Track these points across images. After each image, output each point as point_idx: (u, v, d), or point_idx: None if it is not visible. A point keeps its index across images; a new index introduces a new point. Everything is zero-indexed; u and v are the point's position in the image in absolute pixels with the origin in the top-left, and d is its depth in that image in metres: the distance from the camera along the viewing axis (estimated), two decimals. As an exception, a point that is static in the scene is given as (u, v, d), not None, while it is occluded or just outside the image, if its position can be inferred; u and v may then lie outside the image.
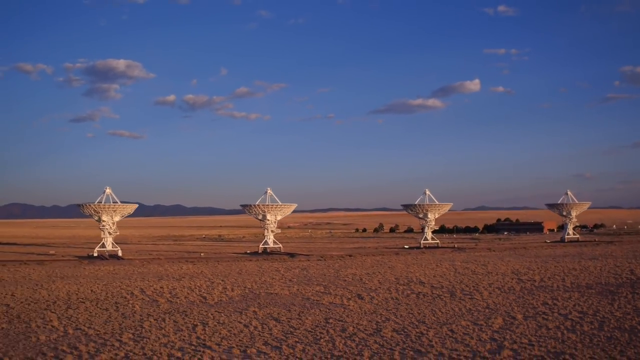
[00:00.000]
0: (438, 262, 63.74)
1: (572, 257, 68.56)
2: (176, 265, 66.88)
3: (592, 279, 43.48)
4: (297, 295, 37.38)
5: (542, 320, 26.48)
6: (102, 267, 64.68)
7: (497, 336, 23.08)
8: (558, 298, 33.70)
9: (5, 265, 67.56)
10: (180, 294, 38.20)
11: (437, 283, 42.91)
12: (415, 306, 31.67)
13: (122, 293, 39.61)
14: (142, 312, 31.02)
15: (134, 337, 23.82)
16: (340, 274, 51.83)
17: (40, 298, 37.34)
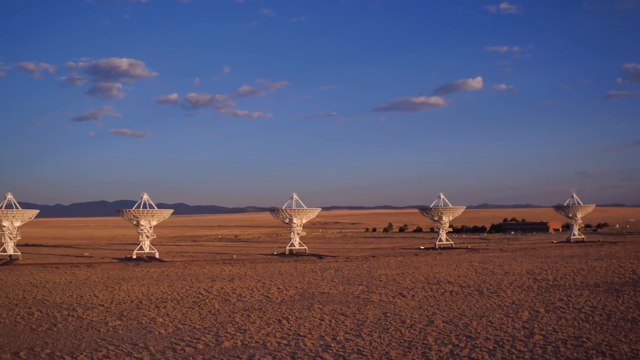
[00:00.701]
0: (457, 263, 69.87)
1: (579, 257, 74.64)
2: (216, 267, 73.07)
3: (599, 278, 49.61)
4: (347, 294, 43.55)
5: (560, 313, 32.61)
6: (150, 269, 70.88)
7: (527, 325, 29.21)
8: (571, 295, 39.83)
9: (58, 268, 73.80)
10: (245, 294, 44.37)
11: (464, 282, 49.06)
12: (452, 302, 37.83)
13: (191, 293, 45.82)
14: (224, 309, 37.17)
15: (237, 329, 29.97)
16: (373, 275, 58.02)
17: (123, 299, 43.51)
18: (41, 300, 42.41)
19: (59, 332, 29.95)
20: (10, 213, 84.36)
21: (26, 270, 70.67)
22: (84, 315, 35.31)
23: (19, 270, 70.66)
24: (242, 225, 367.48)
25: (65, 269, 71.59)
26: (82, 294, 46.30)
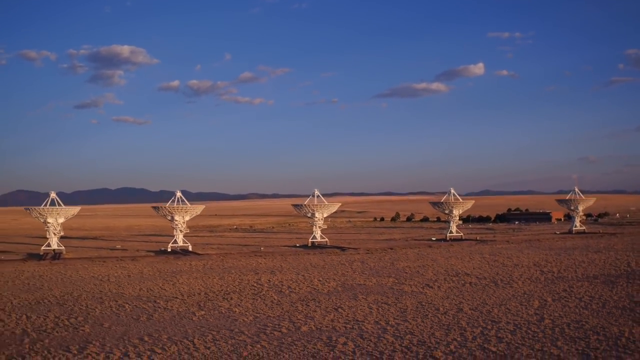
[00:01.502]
0: (470, 255, 77.14)
1: (580, 249, 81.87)
2: (251, 259, 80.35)
3: (598, 271, 56.85)
4: (381, 285, 50.81)
5: (564, 302, 39.81)
6: (191, 262, 78.20)
7: (538, 312, 36.41)
8: (573, 286, 47.06)
9: (106, 262, 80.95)
10: (293, 286, 51.63)
11: (479, 274, 56.32)
12: (473, 292, 45.08)
13: (246, 285, 53.06)
14: (283, 300, 44.39)
15: (305, 317, 37.17)
16: (397, 267, 65.29)
17: (190, 291, 50.74)
18: (119, 294, 49.65)
19: (160, 321, 37.20)
20: (54, 210, 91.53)
21: (77, 264, 77.92)
22: (168, 306, 42.56)
23: (71, 264, 77.91)
24: (251, 214, 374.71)
25: (113, 263, 78.85)
26: (149, 287, 53.57)
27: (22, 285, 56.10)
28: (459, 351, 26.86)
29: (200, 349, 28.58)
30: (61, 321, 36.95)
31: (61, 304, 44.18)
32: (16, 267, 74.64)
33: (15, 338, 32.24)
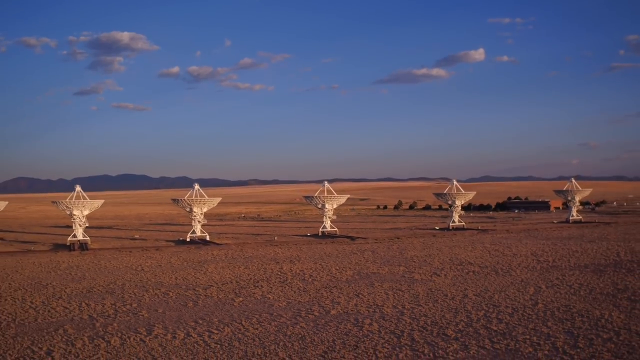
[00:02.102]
0: (472, 245, 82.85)
1: (575, 239, 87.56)
2: (268, 249, 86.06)
3: (589, 260, 62.55)
4: (393, 273, 56.51)
5: (557, 289, 45.48)
6: (212, 251, 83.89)
7: (533, 297, 42.06)
8: (565, 275, 52.73)
9: (132, 252, 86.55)
10: (314, 274, 57.31)
11: (482, 263, 62.01)
12: (476, 280, 50.76)
13: (271, 274, 58.71)
14: (308, 287, 50.04)
15: (331, 302, 42.85)
16: (405, 256, 70.99)
17: (222, 279, 56.39)
18: (158, 282, 55.34)
19: (205, 306, 42.87)
20: (80, 203, 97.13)
21: (106, 255, 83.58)
22: (207, 293, 48.24)
23: (101, 255, 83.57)
24: (256, 202, 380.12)
25: (139, 253, 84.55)
26: (183, 276, 59.28)
27: (66, 275, 61.81)
28: (466, 330, 32.54)
29: (249, 329, 34.25)
30: (119, 307, 42.64)
31: (110, 292, 49.85)
32: (51, 257, 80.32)
33: (86, 322, 37.91)
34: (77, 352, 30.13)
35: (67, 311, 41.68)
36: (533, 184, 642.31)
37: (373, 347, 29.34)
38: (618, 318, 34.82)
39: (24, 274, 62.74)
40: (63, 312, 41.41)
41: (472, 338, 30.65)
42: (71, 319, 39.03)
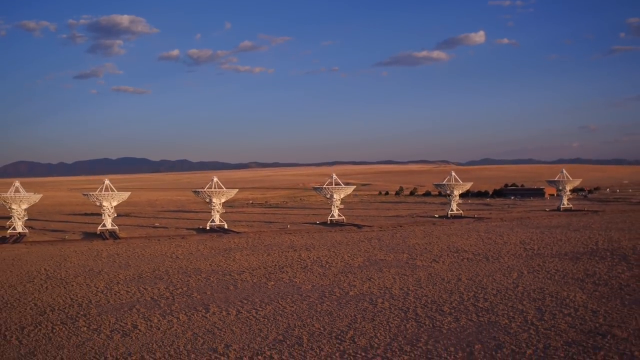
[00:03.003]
0: (468, 233, 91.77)
1: (562, 228, 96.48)
2: (283, 237, 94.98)
3: (569, 248, 71.49)
4: (398, 260, 65.42)
5: (536, 274, 54.39)
6: (234, 240, 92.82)
7: (515, 281, 50.97)
8: (546, 262, 61.65)
9: (160, 241, 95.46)
10: (329, 261, 66.23)
11: (475, 251, 70.95)
12: (469, 266, 59.68)
13: (292, 261, 67.56)
14: (326, 272, 58.95)
15: (348, 285, 51.73)
16: (408, 244, 79.89)
17: (251, 266, 65.24)
18: (197, 269, 64.24)
19: (245, 289, 51.79)
20: (109, 195, 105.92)
21: (138, 243, 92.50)
22: (242, 278, 57.15)
23: (133, 243, 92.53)
24: (260, 187, 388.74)
25: (168, 241, 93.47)
26: (216, 262, 68.16)
27: (112, 262, 70.78)
28: (458, 307, 41.49)
29: (286, 307, 43.18)
30: (172, 291, 51.57)
31: (159, 278, 58.79)
32: (88, 246, 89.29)
33: (151, 303, 46.83)
34: (156, 326, 39.04)
35: (131, 294, 50.59)
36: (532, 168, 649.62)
37: (386, 320, 38.29)
38: (580, 298, 43.74)
39: (73, 262, 71.65)
40: (127, 295, 50.33)
41: (462, 313, 39.61)
42: (137, 300, 47.93)
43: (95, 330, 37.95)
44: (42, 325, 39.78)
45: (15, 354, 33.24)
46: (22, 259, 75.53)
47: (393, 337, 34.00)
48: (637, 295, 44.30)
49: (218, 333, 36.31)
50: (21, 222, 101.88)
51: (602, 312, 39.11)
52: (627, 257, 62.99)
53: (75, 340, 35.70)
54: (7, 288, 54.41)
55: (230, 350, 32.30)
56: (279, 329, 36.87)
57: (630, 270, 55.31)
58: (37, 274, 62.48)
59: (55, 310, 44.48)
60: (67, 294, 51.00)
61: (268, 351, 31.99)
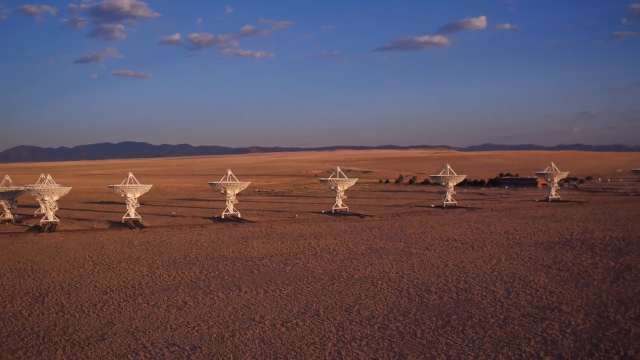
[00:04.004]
0: (459, 223, 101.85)
1: (545, 219, 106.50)
2: (293, 225, 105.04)
3: (546, 238, 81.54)
4: (396, 248, 75.49)
5: (512, 261, 64.45)
6: (249, 229, 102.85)
7: (493, 267, 61.04)
8: (523, 250, 71.72)
9: (182, 229, 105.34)
10: (336, 249, 76.32)
11: (463, 240, 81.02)
12: (457, 253, 69.77)
13: (303, 249, 77.58)
14: (334, 259, 69.05)
15: (353, 269, 61.86)
16: (405, 233, 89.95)
17: (268, 253, 75.27)
18: (222, 255, 74.30)
19: (267, 273, 61.89)
20: (133, 187, 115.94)
21: (162, 232, 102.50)
22: (263, 263, 67.26)
23: (158, 232, 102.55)
24: (264, 174, 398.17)
25: (189, 230, 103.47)
26: (237, 249, 78.20)
27: (145, 250, 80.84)
28: (442, 288, 51.61)
29: (304, 288, 53.33)
30: (206, 274, 61.67)
31: (191, 263, 68.89)
32: (118, 235, 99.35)
33: (192, 285, 56.96)
34: (202, 302, 49.16)
35: (172, 277, 60.71)
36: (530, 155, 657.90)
37: (384, 297, 48.45)
38: (543, 281, 53.85)
39: (111, 249, 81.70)
40: (169, 277, 60.48)
41: (445, 292, 49.77)
42: (179, 282, 58.06)
43: (154, 306, 48.07)
44: (109, 302, 49.90)
45: (98, 323, 43.37)
46: (63, 246, 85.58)
47: (389, 310, 44.17)
48: (590, 279, 54.41)
49: (252, 307, 46.47)
50: (52, 212, 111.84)
51: (557, 292, 49.21)
52: (593, 247, 72.97)
53: (141, 313, 45.87)
54: (63, 273, 64.47)
55: (265, 320, 42.47)
56: (300, 304, 47.02)
57: (593, 258, 65.34)
58: (84, 260, 72.54)
59: (114, 290, 54.62)
60: (118, 277, 61.11)
61: (294, 320, 42.16)
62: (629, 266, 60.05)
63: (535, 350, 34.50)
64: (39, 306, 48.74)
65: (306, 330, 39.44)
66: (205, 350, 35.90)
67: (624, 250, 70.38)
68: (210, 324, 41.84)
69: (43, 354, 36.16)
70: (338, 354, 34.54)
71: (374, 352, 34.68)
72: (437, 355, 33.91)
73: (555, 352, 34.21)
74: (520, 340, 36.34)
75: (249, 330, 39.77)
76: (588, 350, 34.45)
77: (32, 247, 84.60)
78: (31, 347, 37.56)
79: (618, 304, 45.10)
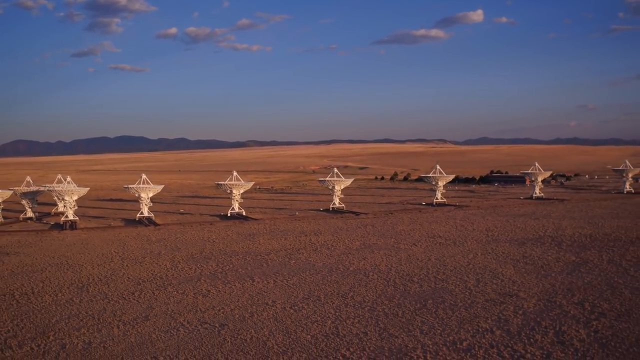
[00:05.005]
0: (446, 221, 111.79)
1: (525, 216, 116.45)
2: (294, 223, 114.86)
3: (522, 235, 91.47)
4: (387, 244, 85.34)
5: (487, 256, 74.34)
6: (254, 226, 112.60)
7: (469, 261, 70.91)
8: (499, 246, 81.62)
9: (192, 227, 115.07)
10: (334, 245, 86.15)
11: (447, 237, 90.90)
12: (439, 249, 79.64)
13: (305, 245, 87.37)
14: (332, 253, 78.85)
15: (349, 263, 71.63)
16: (396, 230, 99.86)
17: (274, 248, 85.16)
18: (233, 251, 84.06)
19: (274, 266, 71.66)
20: (146, 188, 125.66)
21: (174, 229, 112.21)
22: (270, 258, 77.07)
23: (171, 229, 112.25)
24: (262, 170, 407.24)
25: (199, 227, 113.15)
26: (245, 245, 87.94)
27: (163, 246, 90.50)
28: (424, 278, 61.50)
29: (307, 278, 63.19)
30: (222, 267, 71.44)
31: (208, 258, 78.65)
32: (136, 232, 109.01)
33: (211, 276, 66.73)
34: (222, 290, 58.97)
35: (193, 270, 70.48)
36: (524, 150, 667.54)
37: (374, 286, 58.34)
38: (509, 273, 63.77)
39: (132, 246, 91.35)
40: (190, 270, 70.23)
41: (425, 282, 59.69)
42: (200, 274, 67.84)
43: (183, 294, 57.88)
44: (144, 291, 59.64)
45: (140, 307, 53.13)
46: (88, 243, 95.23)
47: (378, 296, 54.11)
48: (550, 271, 64.36)
49: (265, 294, 56.31)
50: (72, 211, 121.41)
51: (518, 282, 59.12)
52: (561, 244, 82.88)
53: (173, 299, 55.68)
54: (97, 266, 74.18)
55: (277, 304, 52.32)
56: (304, 291, 56.88)
57: (558, 253, 75.23)
58: (112, 255, 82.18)
59: (146, 281, 64.37)
60: (145, 270, 70.84)
61: (300, 304, 52.02)
62: (587, 260, 69.86)
63: (490, 326, 44.39)
64: (86, 294, 58.46)
65: (310, 312, 49.29)
66: (231, 326, 45.73)
67: (587, 246, 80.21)
68: (232, 307, 51.67)
69: (102, 331, 45.91)
70: (336, 329, 44.42)
71: (364, 327, 44.58)
72: (413, 329, 43.81)
73: (505, 328, 44.10)
74: (479, 319, 46.23)
75: (264, 312, 49.62)
76: (531, 327, 44.33)
77: (60, 244, 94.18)
78: (91, 326, 47.30)
79: (567, 291, 54.96)
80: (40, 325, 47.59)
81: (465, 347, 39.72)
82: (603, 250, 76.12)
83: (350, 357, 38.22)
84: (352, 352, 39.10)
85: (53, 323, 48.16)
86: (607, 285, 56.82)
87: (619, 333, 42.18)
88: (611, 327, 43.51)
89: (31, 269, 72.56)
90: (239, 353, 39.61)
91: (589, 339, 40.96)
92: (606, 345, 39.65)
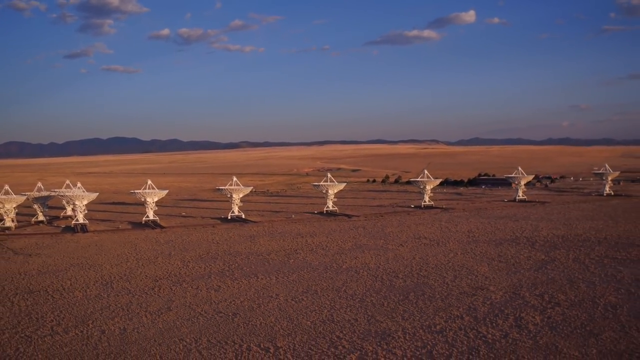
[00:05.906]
0: (432, 223, 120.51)
1: (506, 218, 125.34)
2: (290, 225, 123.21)
3: (499, 236, 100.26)
4: (376, 245, 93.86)
5: (466, 255, 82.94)
6: (253, 228, 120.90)
7: (450, 260, 79.49)
8: (477, 247, 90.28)
9: (196, 229, 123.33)
10: (328, 245, 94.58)
11: (432, 237, 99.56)
12: (424, 249, 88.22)
13: (302, 246, 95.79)
14: (326, 253, 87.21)
15: (342, 261, 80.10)
16: (385, 232, 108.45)
17: (274, 249, 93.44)
18: (237, 251, 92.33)
19: (276, 264, 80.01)
20: (152, 192, 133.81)
21: (180, 231, 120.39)
22: (271, 257, 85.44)
23: (177, 232, 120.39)
24: (257, 172, 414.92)
25: (203, 229, 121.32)
26: (247, 246, 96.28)
27: (172, 247, 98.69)
28: (407, 275, 70.04)
29: (304, 275, 71.65)
30: (228, 266, 79.76)
31: (214, 258, 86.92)
32: (144, 234, 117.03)
33: (220, 274, 75.09)
34: (231, 286, 67.33)
35: (203, 269, 78.75)
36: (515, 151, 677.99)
37: (364, 282, 66.86)
38: (483, 270, 72.43)
39: (143, 247, 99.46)
40: (200, 269, 78.49)
41: (409, 278, 68.27)
42: (209, 272, 76.14)
43: (197, 289, 66.18)
44: (161, 287, 67.88)
45: (161, 300, 61.41)
46: (102, 245, 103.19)
47: (367, 290, 62.65)
48: (520, 268, 73.03)
49: (269, 289, 64.74)
50: (82, 215, 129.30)
51: (490, 278, 67.78)
52: (534, 244, 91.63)
53: (189, 293, 63.98)
54: (115, 266, 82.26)
55: (280, 296, 60.76)
56: (303, 286, 65.35)
57: (530, 252, 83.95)
58: (126, 256, 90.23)
59: (162, 279, 72.59)
60: (160, 269, 79.03)
61: (300, 296, 60.48)
62: (554, 259, 78.57)
63: (460, 313, 52.97)
64: (112, 290, 66.64)
65: (309, 303, 57.75)
66: (242, 315, 54.14)
67: (558, 246, 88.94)
68: (242, 299, 60.06)
69: (133, 320, 54.18)
70: (331, 316, 52.92)
71: (355, 315, 53.10)
72: (395, 316, 52.37)
73: (473, 315, 52.69)
74: (452, 308, 54.82)
75: (269, 303, 58.05)
76: (495, 314, 52.94)
77: (76, 246, 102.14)
78: (122, 316, 55.52)
79: (531, 285, 63.61)
80: (78, 316, 55.74)
81: (438, 330, 48.28)
82: (571, 249, 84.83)
83: (343, 338, 46.69)
84: (344, 334, 47.58)
85: (89, 314, 56.31)
86: (567, 280, 65.48)
87: (568, 319, 50.79)
88: (562, 314, 52.13)
89: (55, 268, 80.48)
90: (251, 335, 48.02)
91: (542, 323, 49.55)
92: (555, 328, 48.24)
